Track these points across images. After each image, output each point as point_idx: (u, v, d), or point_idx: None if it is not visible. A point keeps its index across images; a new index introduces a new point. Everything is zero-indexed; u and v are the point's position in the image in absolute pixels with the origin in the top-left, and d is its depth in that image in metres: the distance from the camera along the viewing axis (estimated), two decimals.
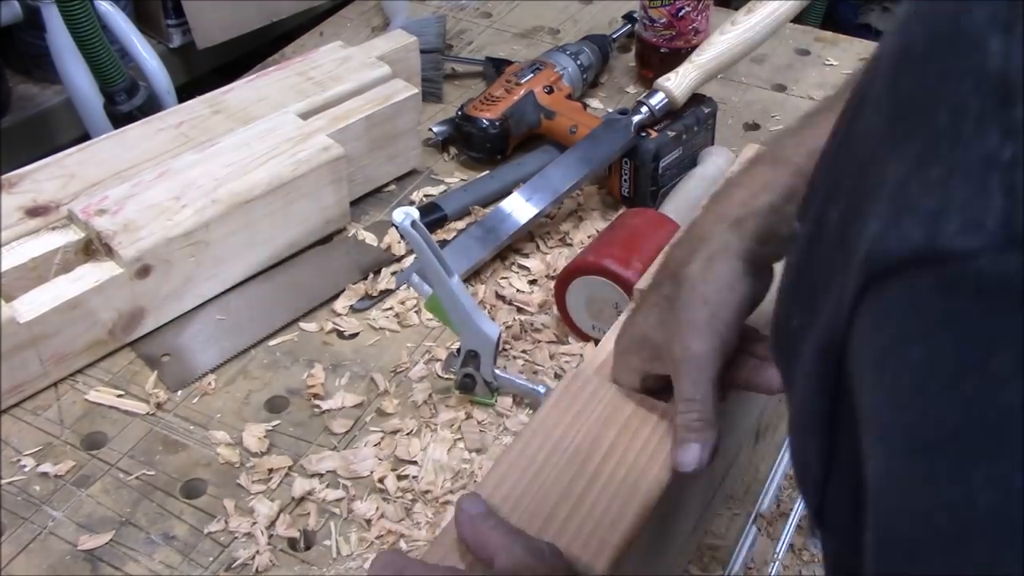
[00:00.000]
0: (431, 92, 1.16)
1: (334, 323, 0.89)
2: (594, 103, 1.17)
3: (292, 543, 0.72)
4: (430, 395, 0.82)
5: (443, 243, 0.94)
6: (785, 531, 0.78)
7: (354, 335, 0.88)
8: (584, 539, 0.55)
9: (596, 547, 0.55)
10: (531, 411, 0.81)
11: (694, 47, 1.03)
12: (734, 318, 0.58)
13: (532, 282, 0.93)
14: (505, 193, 0.99)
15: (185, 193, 0.87)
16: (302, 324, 0.89)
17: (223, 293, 0.91)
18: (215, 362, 0.85)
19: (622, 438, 0.60)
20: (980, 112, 0.27)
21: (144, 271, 0.83)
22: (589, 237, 0.97)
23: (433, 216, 0.98)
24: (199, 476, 0.76)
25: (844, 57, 1.26)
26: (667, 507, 0.59)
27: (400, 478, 0.76)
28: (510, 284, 0.93)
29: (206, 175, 0.89)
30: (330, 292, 0.92)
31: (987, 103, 0.27)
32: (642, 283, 0.71)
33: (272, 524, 0.72)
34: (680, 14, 1.13)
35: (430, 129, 1.10)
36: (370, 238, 0.98)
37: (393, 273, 0.93)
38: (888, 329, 0.29)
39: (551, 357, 0.86)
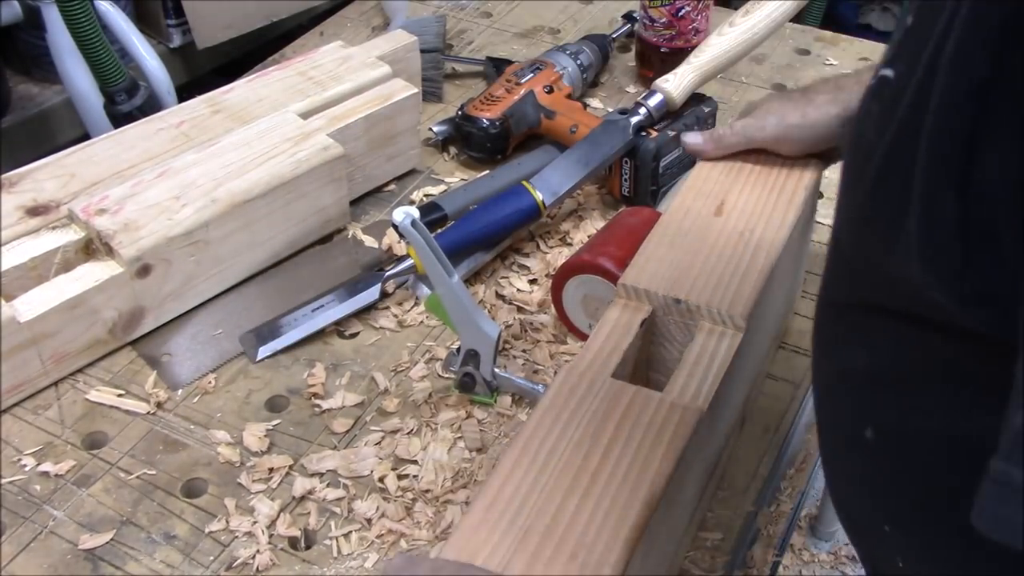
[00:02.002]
0: (431, 92, 1.16)
1: (334, 322, 0.89)
2: (594, 103, 1.17)
3: (293, 542, 0.72)
4: (430, 394, 0.82)
5: None
6: (785, 531, 0.78)
7: (354, 335, 0.88)
8: (595, 533, 0.55)
9: (607, 541, 0.55)
10: (531, 410, 0.81)
11: (694, 47, 1.03)
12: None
13: (532, 281, 0.93)
14: None
15: (185, 193, 0.87)
16: None
17: (223, 293, 0.91)
18: (215, 362, 0.85)
19: (621, 430, 0.61)
20: None
21: (144, 270, 0.83)
22: (589, 237, 0.97)
23: (433, 216, 0.98)
24: (200, 475, 0.76)
25: (844, 57, 1.26)
26: (666, 497, 0.60)
27: (400, 477, 0.76)
28: (510, 283, 0.93)
29: (206, 175, 0.89)
30: None
31: None
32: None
33: (273, 523, 0.73)
34: (680, 14, 1.13)
35: (430, 129, 1.10)
36: (369, 238, 0.98)
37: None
38: None
39: (551, 356, 0.86)
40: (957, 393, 0.47)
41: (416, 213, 0.71)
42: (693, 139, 0.82)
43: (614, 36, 1.24)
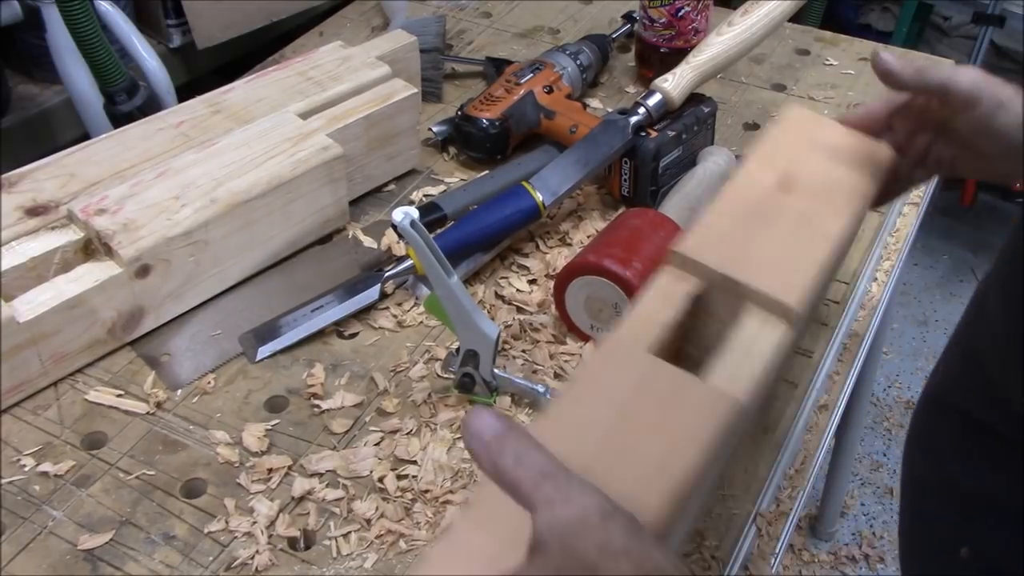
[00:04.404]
0: (431, 92, 1.16)
1: (334, 322, 0.89)
2: (594, 103, 1.17)
3: (292, 543, 0.72)
4: (429, 395, 0.82)
5: None
6: (785, 531, 0.78)
7: (354, 335, 0.88)
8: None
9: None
10: (531, 411, 0.81)
11: (694, 47, 1.03)
12: None
13: (532, 282, 0.93)
14: None
15: (185, 193, 0.87)
16: None
17: (223, 293, 0.91)
18: (215, 362, 0.85)
19: (654, 412, 0.55)
20: None
21: (144, 271, 0.83)
22: (589, 237, 0.97)
23: (433, 216, 0.98)
24: (199, 476, 0.76)
25: (844, 57, 1.26)
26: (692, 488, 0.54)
27: (400, 478, 0.76)
28: (510, 284, 0.93)
29: (206, 175, 0.89)
30: None
31: None
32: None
33: (272, 524, 0.73)
34: (680, 14, 1.13)
35: (430, 129, 1.10)
36: (369, 239, 0.98)
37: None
38: None
39: (550, 357, 0.86)
40: None
41: (416, 213, 0.71)
42: (888, 57, 0.68)
43: (614, 36, 1.24)
